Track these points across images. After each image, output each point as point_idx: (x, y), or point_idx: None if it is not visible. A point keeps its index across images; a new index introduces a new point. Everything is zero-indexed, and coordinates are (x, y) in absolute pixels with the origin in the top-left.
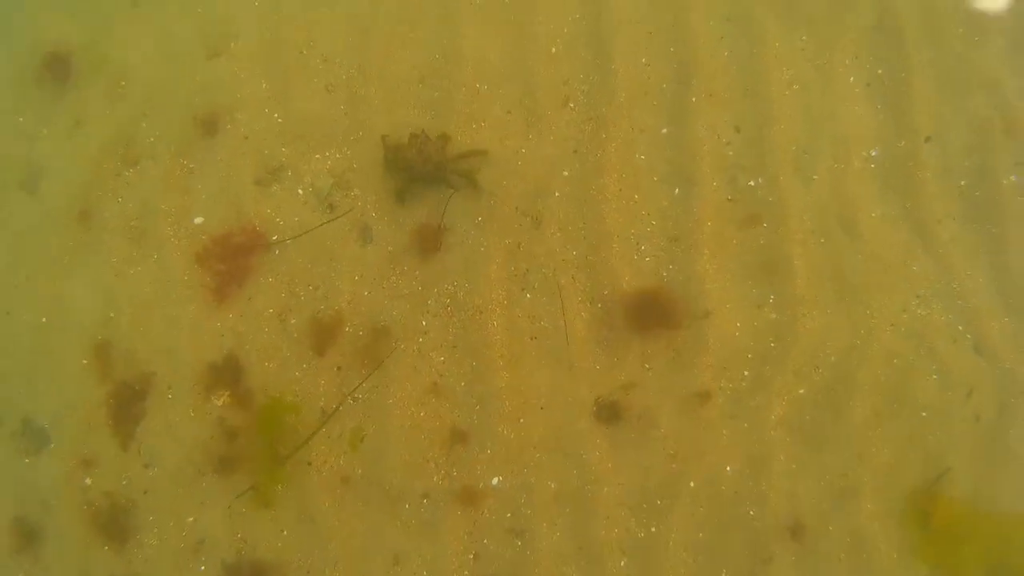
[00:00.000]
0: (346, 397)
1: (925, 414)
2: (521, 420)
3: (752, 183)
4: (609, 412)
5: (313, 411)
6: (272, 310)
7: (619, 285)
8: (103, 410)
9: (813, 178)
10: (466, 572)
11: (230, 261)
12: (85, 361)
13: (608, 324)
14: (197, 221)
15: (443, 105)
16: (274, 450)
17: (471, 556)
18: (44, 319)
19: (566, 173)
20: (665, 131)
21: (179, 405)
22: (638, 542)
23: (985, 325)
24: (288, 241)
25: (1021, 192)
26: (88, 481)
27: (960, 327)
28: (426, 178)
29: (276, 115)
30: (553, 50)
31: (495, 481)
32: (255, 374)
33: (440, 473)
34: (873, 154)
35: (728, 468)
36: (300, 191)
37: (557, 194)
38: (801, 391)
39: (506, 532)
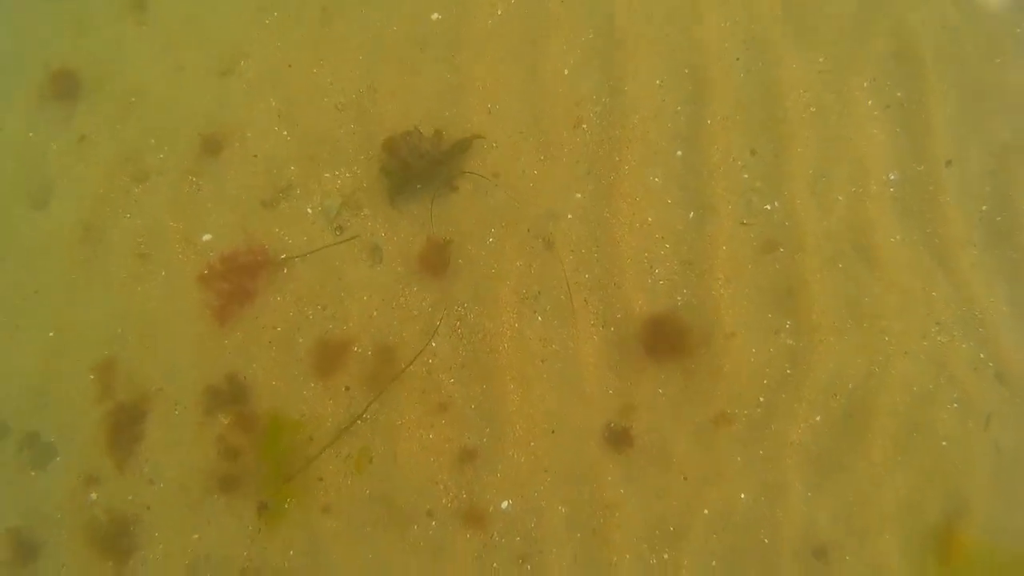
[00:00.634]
0: (356, 419)
1: (944, 444)
2: (532, 444)
3: (768, 207)
4: (621, 437)
5: (320, 431)
6: (280, 329)
7: (632, 309)
8: (109, 426)
9: (830, 202)
10: None
11: (238, 280)
12: (92, 376)
13: (620, 348)
14: (205, 239)
15: (454, 126)
16: (281, 469)
17: None
18: (52, 334)
19: (579, 195)
20: (679, 153)
21: (185, 423)
22: (650, 569)
23: (1007, 353)
24: (297, 260)
25: None
26: (93, 496)
27: (981, 355)
28: (422, 175)
29: (285, 133)
30: (566, 71)
31: (505, 505)
32: (262, 393)
33: (449, 496)
34: (892, 178)
35: (742, 495)
36: (309, 210)
37: (569, 216)
38: (817, 418)
39: (515, 557)
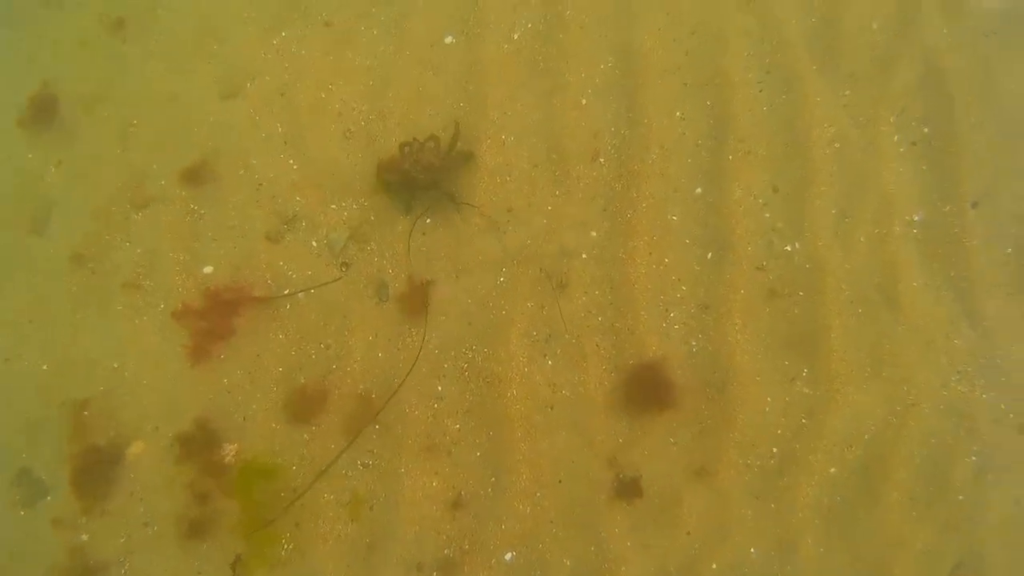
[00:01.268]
0: (335, 458)
1: (962, 498)
2: (538, 494)
3: (789, 248)
4: (630, 488)
5: (323, 474)
6: (281, 369)
7: (646, 354)
8: (101, 462)
9: (853, 244)
10: None
11: (239, 314)
12: (87, 413)
13: (632, 395)
14: (207, 271)
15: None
16: (267, 512)
17: None
18: (45, 367)
19: (594, 233)
20: (699, 191)
21: (185, 460)
22: None
23: None
24: (300, 295)
25: None
26: (84, 537)
27: (1003, 406)
28: (427, 186)
29: (291, 161)
30: (583, 100)
31: (508, 556)
32: (260, 432)
33: (452, 546)
34: (916, 219)
35: (752, 550)
36: (314, 243)
37: (584, 255)
38: (832, 470)
39: None
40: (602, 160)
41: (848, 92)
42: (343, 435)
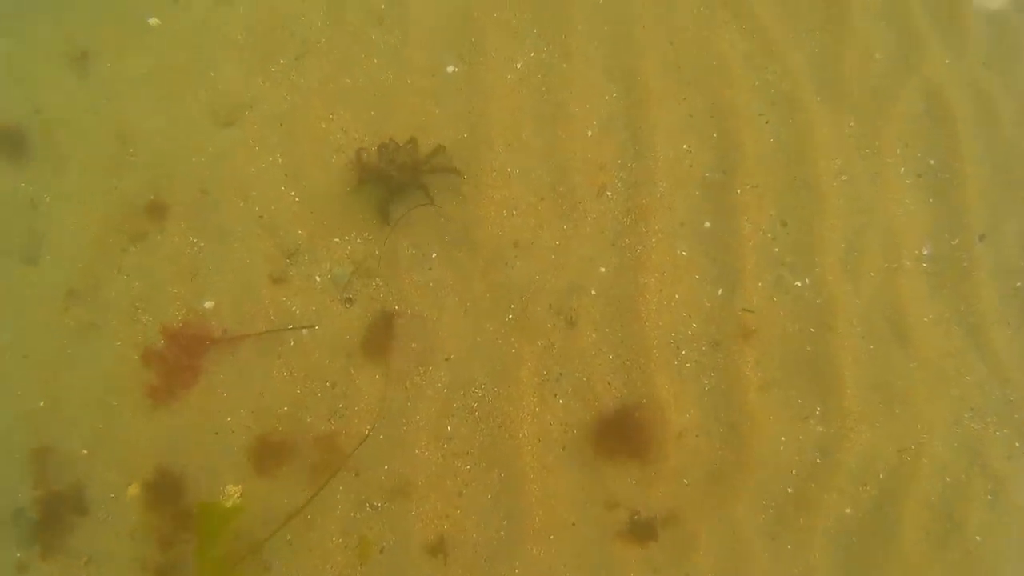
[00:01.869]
0: (315, 493)
1: (979, 538)
2: (551, 537)
3: (799, 283)
4: (644, 530)
5: (328, 519)
6: (286, 408)
7: (657, 393)
8: (95, 503)
9: (862, 278)
10: None
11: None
12: (85, 451)
13: (643, 434)
14: (207, 305)
15: (470, 188)
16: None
17: None
18: (41, 403)
19: (603, 269)
20: (708, 225)
21: (188, 496)
22: None
23: None
24: (304, 332)
25: None
26: None
27: (1017, 443)
28: (404, 187)
29: (293, 193)
30: (589, 133)
31: None
32: (265, 473)
33: None
34: (925, 252)
35: None
36: (318, 278)
37: (593, 292)
38: (848, 510)
39: None
40: (609, 194)
41: (853, 123)
42: (356, 477)
